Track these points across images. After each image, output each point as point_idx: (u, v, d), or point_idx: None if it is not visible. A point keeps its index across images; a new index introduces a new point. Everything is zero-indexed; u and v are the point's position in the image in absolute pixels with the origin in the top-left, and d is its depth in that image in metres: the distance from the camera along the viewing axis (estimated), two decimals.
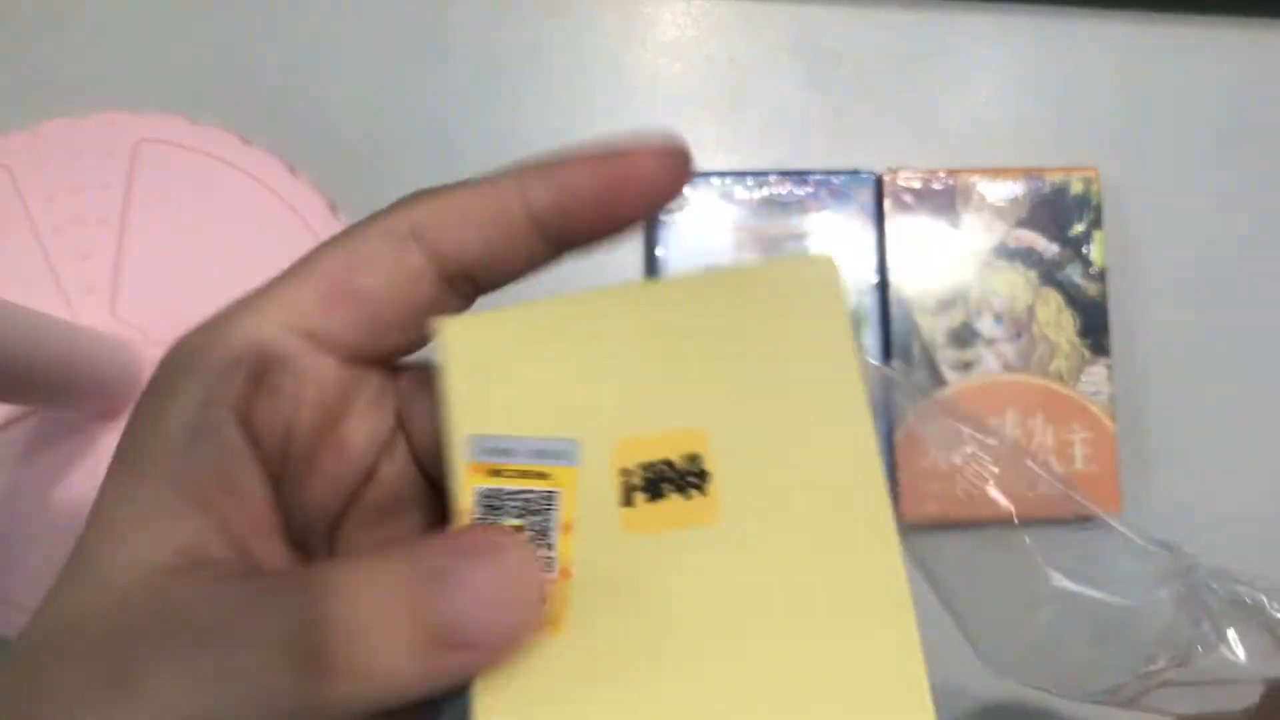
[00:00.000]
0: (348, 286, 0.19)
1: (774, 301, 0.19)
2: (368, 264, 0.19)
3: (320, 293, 0.19)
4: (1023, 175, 0.39)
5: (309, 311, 0.19)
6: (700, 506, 0.18)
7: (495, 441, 0.19)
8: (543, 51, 0.41)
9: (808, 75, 0.41)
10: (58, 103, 0.40)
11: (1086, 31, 0.42)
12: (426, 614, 0.16)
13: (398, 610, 0.16)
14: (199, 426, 0.18)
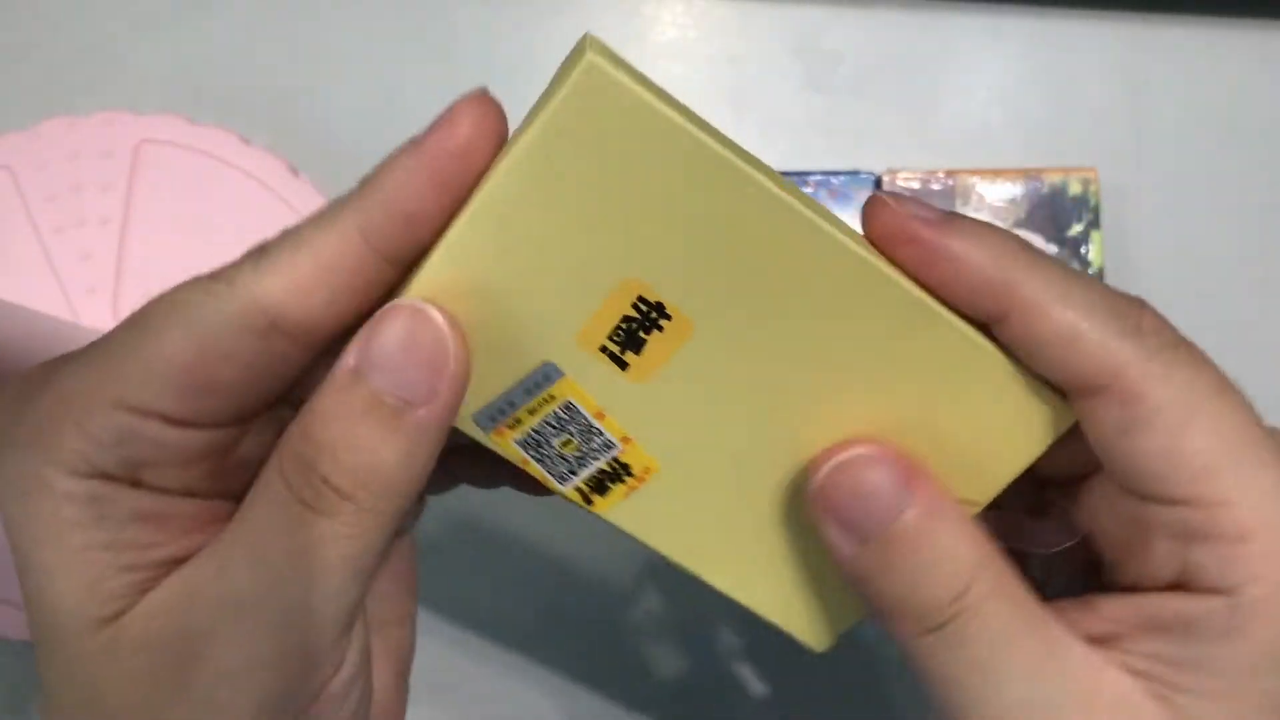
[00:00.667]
0: (202, 381, 0.18)
1: (588, 136, 0.19)
2: (227, 360, 0.18)
3: (173, 385, 0.18)
4: (1021, 176, 0.39)
5: (162, 402, 0.18)
6: (676, 327, 0.20)
7: (491, 408, 0.20)
8: (543, 52, 0.41)
9: (808, 76, 0.41)
10: (58, 103, 0.40)
11: (1085, 33, 0.42)
12: (383, 393, 0.17)
13: (354, 407, 0.17)
14: (94, 496, 0.18)
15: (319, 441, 0.18)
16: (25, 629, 0.36)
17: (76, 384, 0.18)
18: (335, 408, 0.18)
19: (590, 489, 0.22)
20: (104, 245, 0.37)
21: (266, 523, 0.18)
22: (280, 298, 0.18)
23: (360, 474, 0.18)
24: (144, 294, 0.39)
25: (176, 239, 0.38)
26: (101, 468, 0.18)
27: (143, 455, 0.18)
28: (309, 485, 0.18)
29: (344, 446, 0.17)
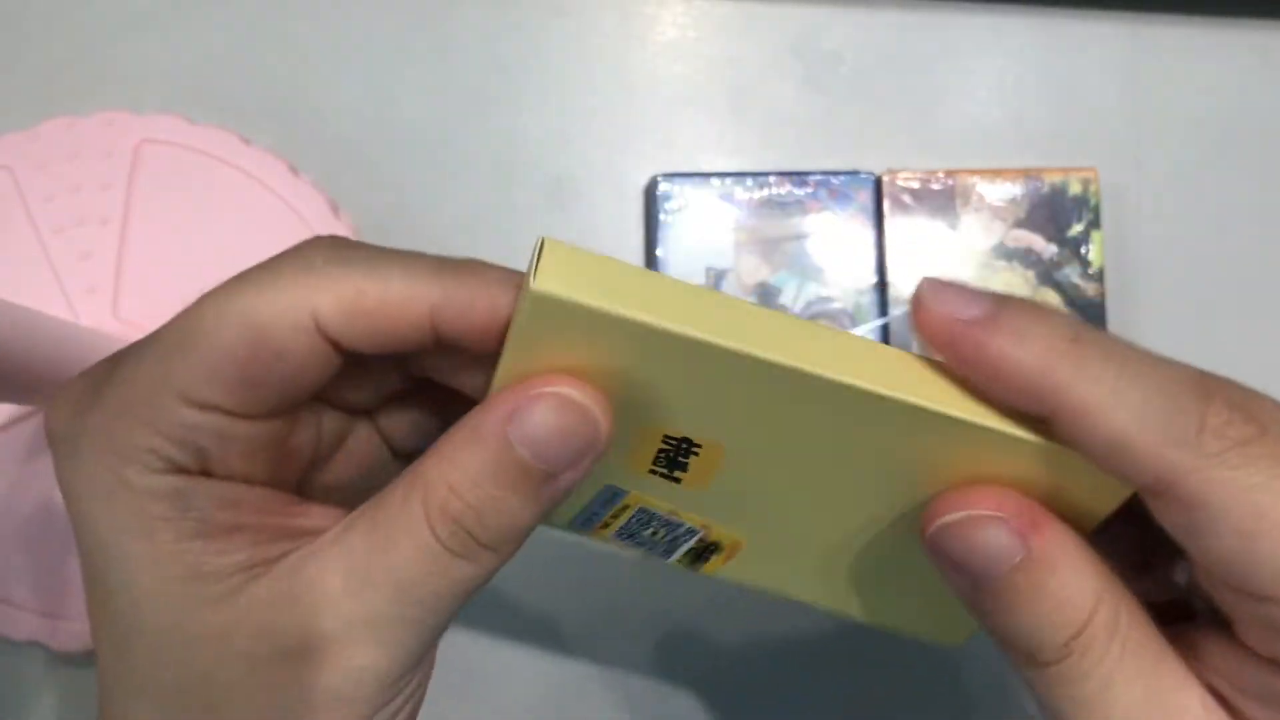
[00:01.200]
0: (257, 374, 0.19)
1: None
2: (274, 354, 0.19)
3: (229, 378, 0.19)
4: (1021, 176, 0.39)
5: (220, 395, 0.19)
6: (709, 452, 0.21)
7: (579, 518, 0.23)
8: (543, 52, 0.41)
9: (808, 76, 0.41)
10: (58, 103, 0.40)
11: (1085, 32, 0.42)
12: (526, 465, 0.19)
13: (505, 475, 0.19)
14: (176, 491, 0.19)
15: (469, 503, 0.19)
16: (24, 629, 0.36)
17: (140, 383, 0.19)
18: (484, 472, 0.19)
19: (690, 561, 0.24)
20: (104, 245, 0.37)
21: (414, 565, 0.19)
22: (330, 313, 0.19)
23: (504, 532, 0.20)
24: (144, 293, 0.39)
25: (176, 239, 0.38)
26: (175, 463, 0.19)
27: (208, 447, 0.19)
28: (456, 538, 0.19)
29: (492, 510, 0.19)
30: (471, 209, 0.40)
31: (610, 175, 0.41)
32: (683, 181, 0.39)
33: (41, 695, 0.38)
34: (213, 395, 0.19)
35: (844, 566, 0.23)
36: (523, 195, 0.40)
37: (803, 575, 0.24)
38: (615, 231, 0.40)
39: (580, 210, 0.40)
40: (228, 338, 0.19)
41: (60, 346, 0.32)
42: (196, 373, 0.19)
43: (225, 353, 0.19)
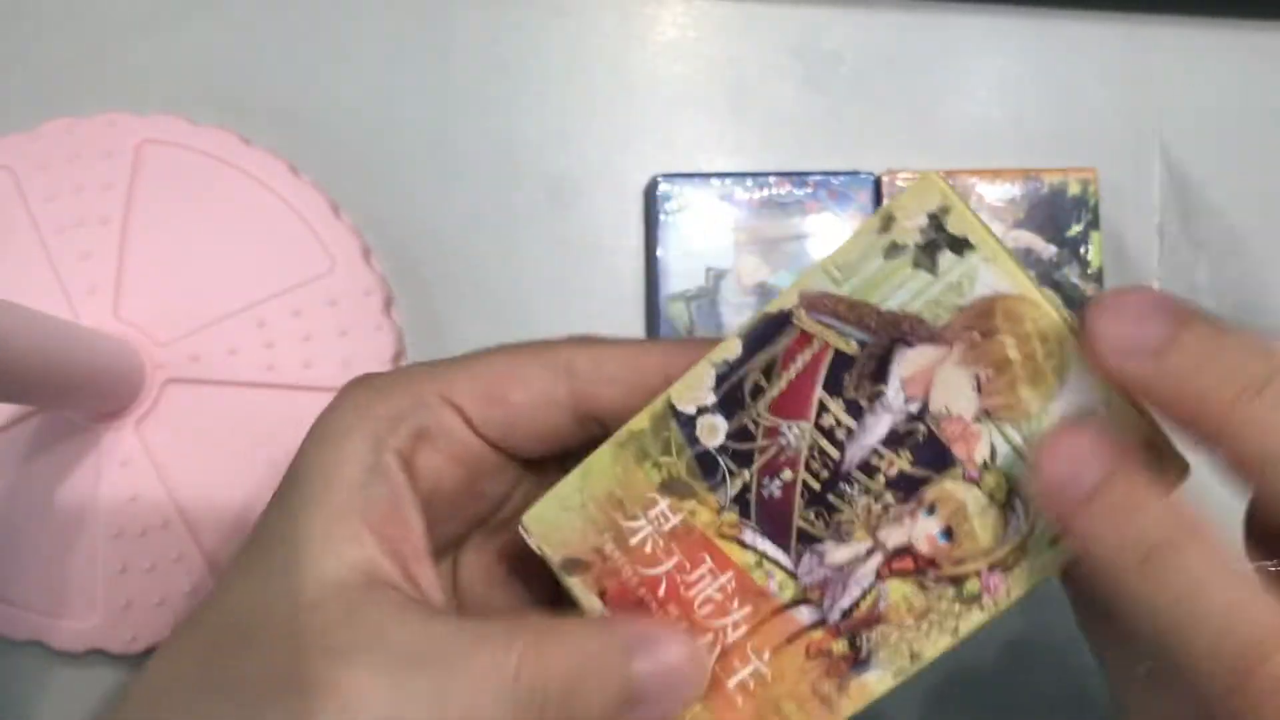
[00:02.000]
0: (502, 394, 0.23)
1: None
2: (524, 383, 0.23)
3: (479, 391, 0.23)
4: (1020, 176, 0.39)
5: (466, 400, 0.23)
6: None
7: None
8: (543, 52, 0.41)
9: (808, 76, 0.41)
10: (59, 103, 0.40)
11: (1084, 33, 0.42)
12: (626, 678, 0.21)
13: (607, 676, 0.21)
14: (374, 466, 0.22)
15: (560, 678, 0.20)
16: (25, 628, 0.36)
17: (409, 374, 0.23)
18: (592, 662, 0.21)
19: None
20: (105, 245, 0.38)
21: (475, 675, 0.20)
22: (581, 361, 0.23)
23: (570, 715, 0.20)
24: (145, 293, 0.39)
25: (177, 239, 0.38)
26: (395, 436, 0.22)
27: (433, 431, 0.23)
28: (529, 694, 0.20)
29: (575, 696, 0.20)
30: (472, 209, 0.40)
31: (610, 175, 0.41)
32: (683, 182, 0.39)
33: (42, 695, 0.38)
34: (461, 397, 0.23)
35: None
36: (523, 195, 0.41)
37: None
38: (615, 232, 0.40)
39: (580, 210, 0.40)
40: (494, 363, 0.23)
41: (61, 347, 0.32)
42: (457, 377, 0.23)
43: (485, 370, 0.23)
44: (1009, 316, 0.20)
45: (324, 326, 0.37)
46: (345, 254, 0.38)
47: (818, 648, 0.21)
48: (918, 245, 0.20)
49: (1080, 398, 0.20)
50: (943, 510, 0.20)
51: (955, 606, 0.21)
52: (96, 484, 0.36)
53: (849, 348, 0.21)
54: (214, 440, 0.37)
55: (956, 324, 0.20)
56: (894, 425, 0.21)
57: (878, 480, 0.21)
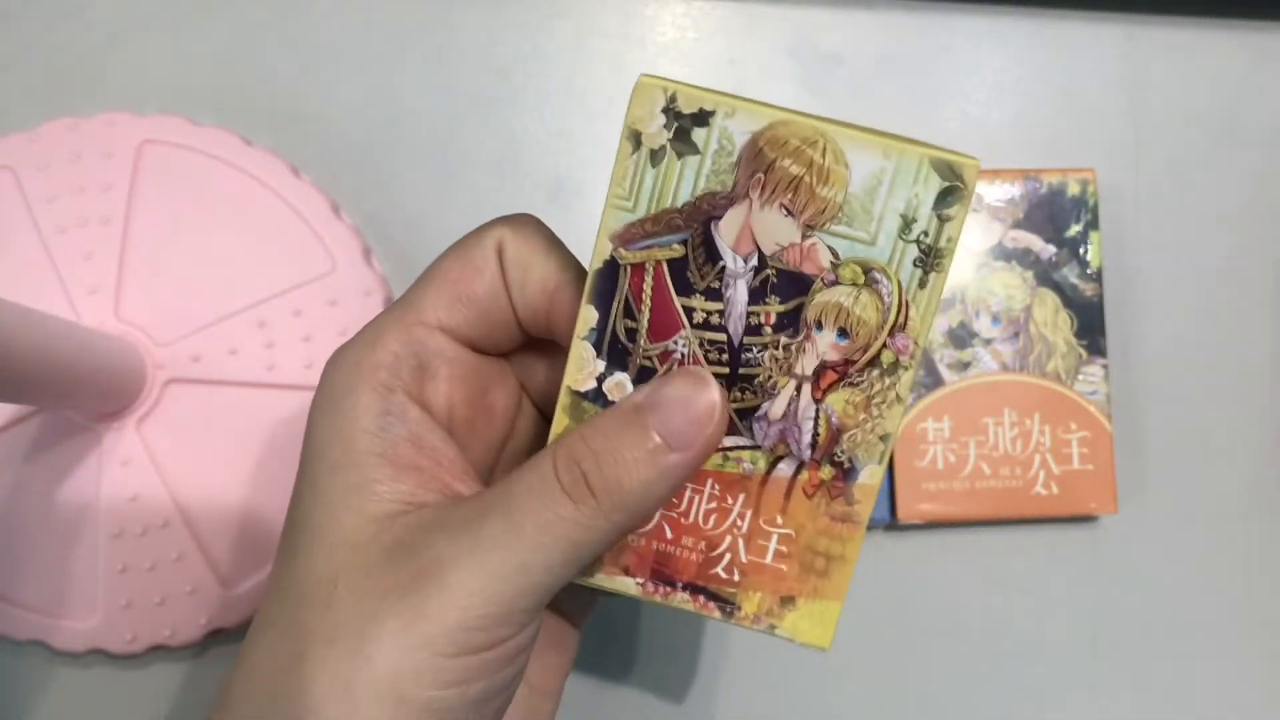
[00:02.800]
0: (465, 291, 0.24)
1: None
2: (477, 270, 0.24)
3: (447, 296, 0.24)
4: (1020, 176, 0.39)
5: (441, 312, 0.24)
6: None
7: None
8: (543, 52, 0.41)
9: (807, 77, 0.41)
10: (60, 104, 0.40)
11: (1084, 34, 0.42)
12: (652, 428, 0.22)
13: (628, 432, 0.22)
14: (386, 411, 0.23)
15: (591, 448, 0.22)
16: (26, 628, 0.36)
17: (387, 316, 0.24)
18: (613, 427, 0.22)
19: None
20: (106, 245, 0.38)
21: (526, 491, 0.22)
22: (506, 234, 0.24)
23: (610, 482, 0.22)
24: (146, 293, 0.39)
25: (178, 239, 0.38)
26: (399, 379, 0.23)
27: (429, 361, 0.24)
28: (570, 474, 0.22)
29: (607, 458, 0.22)
30: (472, 209, 0.40)
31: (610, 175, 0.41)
32: None
33: (42, 694, 0.38)
34: (438, 314, 0.24)
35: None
36: (523, 195, 0.41)
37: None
38: None
39: (580, 211, 0.41)
40: (446, 264, 0.24)
41: (62, 347, 0.32)
42: (426, 296, 0.24)
43: (444, 275, 0.24)
44: (773, 144, 0.22)
45: (325, 327, 0.37)
46: (346, 254, 0.38)
47: (811, 485, 0.24)
48: (670, 140, 0.22)
49: (865, 163, 0.22)
50: (827, 319, 0.23)
51: (886, 380, 0.23)
52: (97, 484, 0.36)
53: (676, 252, 0.23)
54: (215, 440, 0.37)
55: (741, 178, 0.22)
56: (749, 285, 0.23)
57: (765, 334, 0.23)
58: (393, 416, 0.23)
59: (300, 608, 0.22)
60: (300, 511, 0.23)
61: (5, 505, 0.37)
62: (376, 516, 0.22)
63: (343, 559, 0.22)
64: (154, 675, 0.38)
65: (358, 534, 0.22)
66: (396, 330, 0.24)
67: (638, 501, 0.22)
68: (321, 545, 0.22)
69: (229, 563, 0.36)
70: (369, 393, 0.23)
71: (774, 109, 0.22)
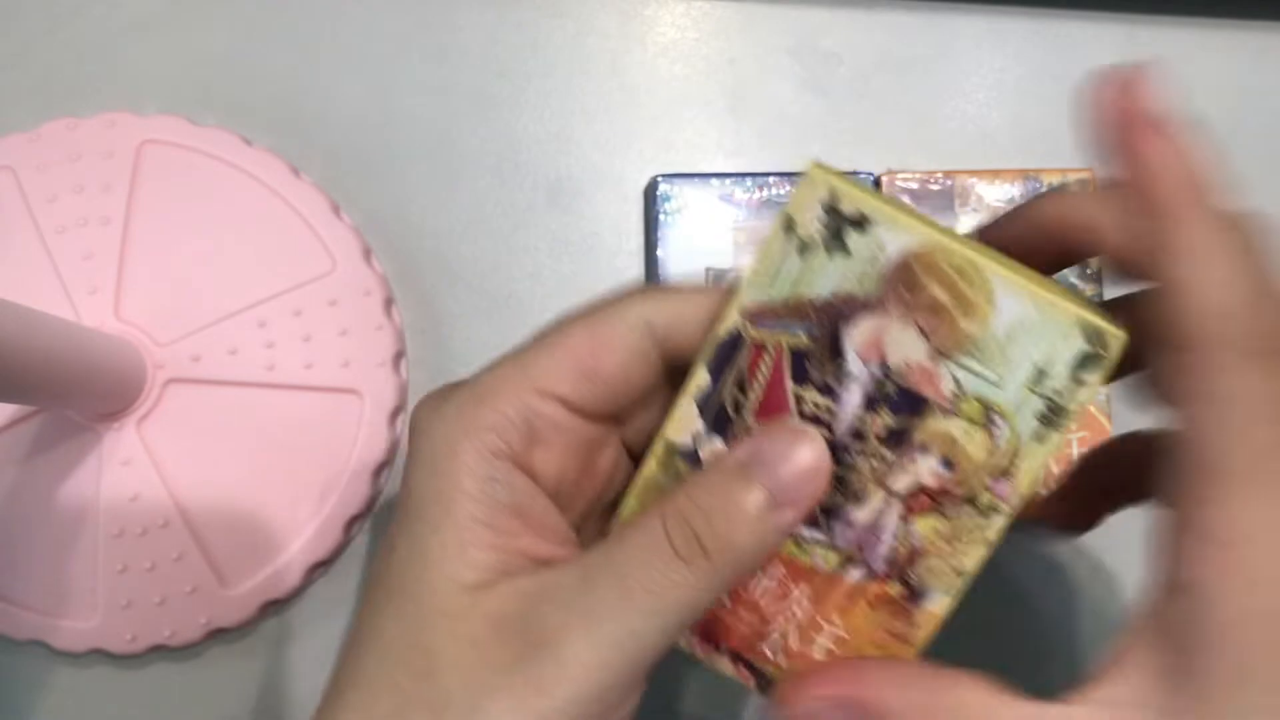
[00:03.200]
0: (593, 368, 0.23)
1: None
2: (610, 350, 0.23)
3: (570, 372, 0.23)
4: (1019, 176, 0.39)
5: (561, 385, 0.23)
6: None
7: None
8: (543, 53, 0.41)
9: (807, 77, 0.41)
10: (60, 104, 0.40)
11: (1083, 34, 0.42)
12: (760, 483, 0.22)
13: (737, 489, 0.22)
14: (491, 475, 0.22)
15: (700, 506, 0.22)
16: (26, 628, 0.36)
17: (499, 375, 0.23)
18: (721, 484, 0.22)
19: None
20: (106, 245, 0.38)
21: (636, 555, 0.22)
22: (659, 318, 0.23)
23: (722, 540, 0.21)
24: (146, 294, 0.39)
25: (178, 239, 0.38)
26: (506, 444, 0.22)
27: (542, 430, 0.23)
28: (681, 534, 0.21)
29: (718, 516, 0.22)
30: (472, 210, 0.40)
31: (610, 176, 0.41)
32: (682, 182, 0.39)
33: (42, 694, 0.38)
34: (555, 384, 0.23)
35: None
36: (523, 196, 0.41)
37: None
38: (615, 232, 0.40)
39: (580, 211, 0.41)
40: (574, 337, 0.23)
41: (62, 347, 0.32)
42: (546, 365, 0.23)
43: (570, 348, 0.23)
44: (925, 266, 0.21)
45: (325, 326, 0.37)
46: (346, 254, 0.38)
47: (877, 596, 0.23)
48: (824, 236, 0.22)
49: (1012, 307, 0.21)
50: (934, 446, 0.22)
51: (978, 520, 0.22)
52: (98, 484, 0.36)
53: (801, 342, 0.22)
54: (215, 440, 0.37)
55: (884, 289, 0.22)
56: (865, 391, 0.22)
57: (870, 442, 0.22)
58: (497, 482, 0.22)
59: (396, 671, 0.21)
60: (394, 569, 0.22)
61: (5, 505, 0.37)
62: (475, 585, 0.22)
63: (443, 628, 0.21)
64: (154, 675, 0.38)
65: (455, 601, 0.22)
66: (508, 392, 0.23)
67: (750, 559, 0.22)
68: (416, 610, 0.22)
69: (229, 563, 0.36)
70: (473, 453, 0.22)
71: (934, 229, 0.21)
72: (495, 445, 0.22)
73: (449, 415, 0.23)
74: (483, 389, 0.23)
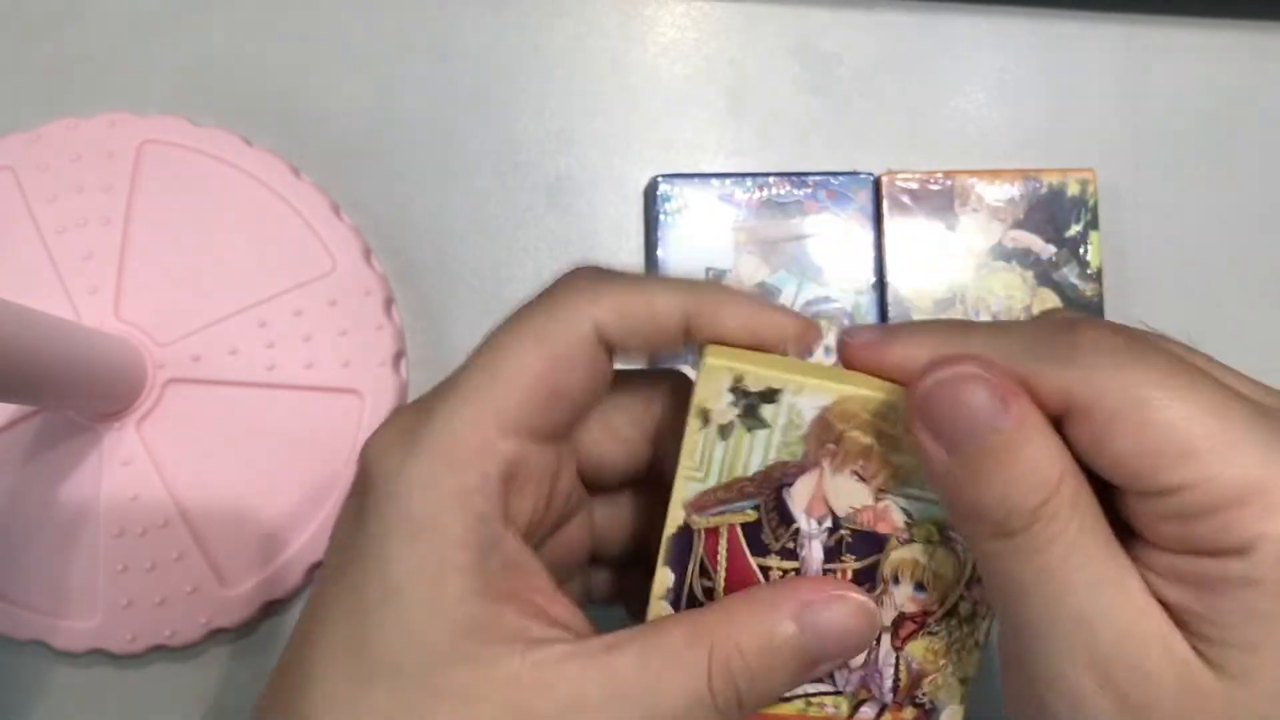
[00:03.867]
0: (555, 389, 0.22)
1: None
2: (569, 366, 0.22)
3: (535, 398, 0.22)
4: (1019, 177, 0.39)
5: (531, 418, 0.22)
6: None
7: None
8: (543, 53, 0.41)
9: (807, 77, 0.41)
10: (61, 104, 0.40)
11: (1083, 34, 0.42)
12: (808, 649, 0.22)
13: (790, 660, 0.22)
14: (481, 544, 0.21)
15: (749, 664, 0.21)
16: (27, 628, 0.36)
17: (461, 422, 0.21)
18: (774, 649, 0.22)
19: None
20: (106, 245, 0.38)
21: (679, 707, 0.21)
22: (608, 319, 0.22)
23: (762, 698, 0.21)
24: (146, 294, 0.39)
25: (179, 239, 0.38)
26: (491, 507, 0.21)
27: (517, 473, 0.22)
28: (725, 694, 0.21)
29: (764, 677, 0.21)
30: (472, 210, 0.40)
31: (610, 176, 0.41)
32: (682, 182, 0.39)
33: (43, 694, 0.38)
34: (525, 415, 0.22)
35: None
36: (523, 196, 0.41)
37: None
38: (615, 232, 0.40)
39: (580, 211, 0.41)
40: (530, 358, 0.22)
41: (63, 347, 0.32)
42: (511, 396, 0.21)
43: (529, 372, 0.22)
44: (842, 417, 0.22)
45: (325, 326, 0.37)
46: (346, 254, 0.38)
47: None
48: (739, 417, 0.22)
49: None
50: (904, 574, 0.23)
51: (965, 628, 0.23)
52: (98, 484, 0.36)
53: (749, 517, 0.23)
54: (215, 440, 0.37)
55: (811, 448, 0.22)
56: (824, 545, 0.23)
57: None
58: (490, 550, 0.21)
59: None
60: (380, 646, 0.21)
61: (6, 505, 0.37)
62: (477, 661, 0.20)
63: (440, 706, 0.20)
64: (154, 675, 0.38)
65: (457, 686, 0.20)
66: (480, 443, 0.21)
67: (770, 700, 0.22)
68: (420, 689, 0.20)
69: (229, 563, 0.36)
70: (459, 525, 0.21)
71: (841, 384, 0.22)
72: (483, 510, 0.21)
73: (419, 481, 0.21)
74: (453, 442, 0.21)
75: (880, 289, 0.38)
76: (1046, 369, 0.20)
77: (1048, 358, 0.20)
